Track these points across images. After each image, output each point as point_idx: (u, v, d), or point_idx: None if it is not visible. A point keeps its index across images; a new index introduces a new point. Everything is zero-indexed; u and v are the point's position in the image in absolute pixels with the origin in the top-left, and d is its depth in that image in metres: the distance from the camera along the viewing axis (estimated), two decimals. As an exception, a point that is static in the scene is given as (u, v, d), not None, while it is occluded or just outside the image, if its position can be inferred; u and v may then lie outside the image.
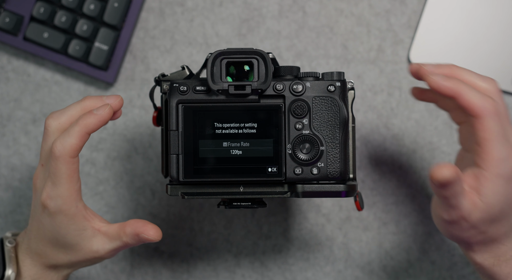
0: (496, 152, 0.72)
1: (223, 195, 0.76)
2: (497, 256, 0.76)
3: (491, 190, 0.72)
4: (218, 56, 0.74)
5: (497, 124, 0.73)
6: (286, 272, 0.95)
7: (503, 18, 0.94)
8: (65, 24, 0.93)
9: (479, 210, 0.73)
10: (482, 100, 0.73)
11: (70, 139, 0.74)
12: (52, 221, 0.76)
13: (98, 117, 0.75)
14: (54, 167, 0.74)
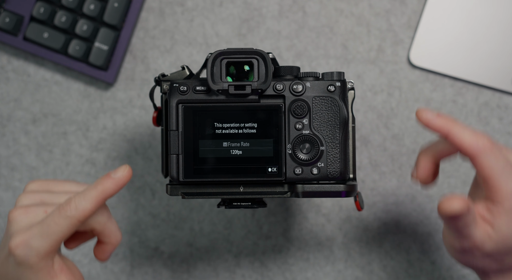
0: (504, 187, 0.71)
1: (223, 195, 0.76)
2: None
3: (505, 224, 0.71)
4: (218, 56, 0.74)
5: (497, 159, 0.71)
6: (286, 272, 0.95)
7: (503, 18, 0.94)
8: (65, 24, 0.93)
9: (493, 241, 0.72)
10: (475, 137, 0.71)
11: (86, 203, 0.70)
12: (15, 271, 0.70)
13: (116, 182, 0.72)
14: (56, 223, 0.70)
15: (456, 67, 0.94)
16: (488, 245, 0.72)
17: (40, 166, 0.96)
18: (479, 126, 0.94)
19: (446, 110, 0.95)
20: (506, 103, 0.94)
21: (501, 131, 0.94)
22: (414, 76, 0.95)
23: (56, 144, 0.96)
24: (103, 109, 0.96)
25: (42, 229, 0.69)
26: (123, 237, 0.95)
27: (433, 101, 0.95)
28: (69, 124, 0.96)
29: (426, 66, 0.94)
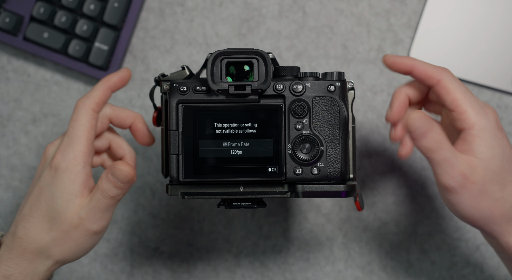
0: (470, 108, 0.73)
1: (223, 195, 0.76)
2: None
3: (482, 145, 0.72)
4: (218, 56, 0.74)
5: (458, 83, 0.74)
6: (286, 272, 0.95)
7: (503, 18, 0.94)
8: (65, 24, 0.93)
9: (479, 168, 0.72)
10: (436, 67, 0.75)
11: (94, 92, 0.77)
12: (52, 184, 0.74)
13: (119, 74, 0.78)
14: (74, 119, 0.75)
15: (456, 67, 0.94)
16: (477, 174, 0.72)
17: (40, 166, 0.96)
18: (479, 126, 0.94)
19: (446, 110, 0.95)
20: (506, 103, 0.94)
21: (501, 131, 0.95)
22: (414, 76, 0.95)
23: (56, 144, 0.96)
24: (103, 109, 0.96)
25: (68, 134, 0.75)
26: (123, 237, 0.95)
27: (433, 101, 0.95)
28: (69, 124, 0.96)
29: (426, 66, 0.94)
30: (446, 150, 0.72)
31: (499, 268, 0.94)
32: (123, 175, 0.74)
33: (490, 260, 0.94)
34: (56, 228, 0.74)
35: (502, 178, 0.73)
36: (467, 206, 0.73)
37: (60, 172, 0.74)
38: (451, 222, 0.94)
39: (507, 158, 0.73)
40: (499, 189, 0.73)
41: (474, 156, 0.72)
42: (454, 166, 0.72)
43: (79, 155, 0.75)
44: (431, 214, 0.94)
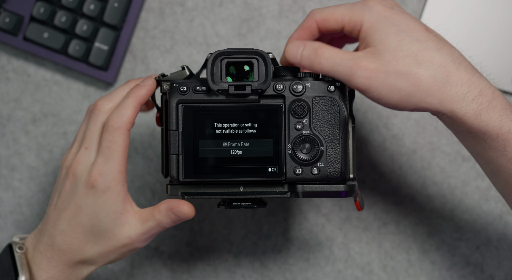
0: (348, 16, 0.74)
1: (223, 195, 0.76)
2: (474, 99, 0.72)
3: (372, 33, 0.72)
4: (218, 56, 0.74)
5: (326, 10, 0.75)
6: (286, 272, 0.95)
7: (503, 18, 0.94)
8: (65, 24, 0.93)
9: (376, 53, 0.72)
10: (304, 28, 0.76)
11: (126, 111, 0.76)
12: (94, 203, 0.75)
13: (147, 87, 0.77)
14: (110, 141, 0.75)
15: (456, 67, 0.94)
16: (374, 61, 0.71)
17: (40, 166, 0.96)
18: (479, 126, 0.94)
19: (446, 110, 0.95)
20: (506, 103, 0.94)
21: (501, 131, 0.94)
22: (414, 76, 0.95)
23: (56, 144, 0.96)
24: (103, 109, 0.96)
25: (104, 154, 0.75)
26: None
27: (433, 101, 0.95)
28: (69, 124, 0.96)
29: (426, 66, 0.94)
30: (339, 60, 0.72)
31: (499, 268, 0.94)
32: (185, 216, 0.77)
33: (490, 260, 0.94)
34: (103, 244, 0.77)
35: (408, 51, 0.72)
36: (389, 93, 0.72)
37: (101, 193, 0.75)
38: (451, 222, 0.94)
39: (403, 29, 0.72)
40: (411, 61, 0.72)
41: (369, 46, 0.72)
42: (353, 66, 0.72)
43: (117, 175, 0.75)
44: (431, 214, 0.94)
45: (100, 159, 0.75)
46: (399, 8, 0.75)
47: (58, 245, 0.77)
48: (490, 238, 0.94)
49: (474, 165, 0.94)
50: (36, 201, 0.96)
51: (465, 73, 0.73)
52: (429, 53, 0.72)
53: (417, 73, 0.71)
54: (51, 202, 0.79)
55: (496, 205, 0.94)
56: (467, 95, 0.72)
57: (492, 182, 0.76)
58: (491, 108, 0.72)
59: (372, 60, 0.72)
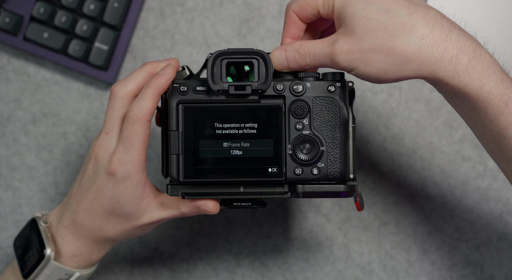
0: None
1: (223, 195, 0.76)
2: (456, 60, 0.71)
3: (345, 14, 0.72)
4: (218, 56, 0.74)
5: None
6: (286, 272, 0.95)
7: (503, 18, 0.94)
8: (65, 24, 0.93)
9: (351, 33, 0.71)
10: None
11: (146, 102, 0.75)
12: (115, 189, 0.77)
13: (167, 76, 0.76)
14: (130, 131, 0.75)
15: (456, 67, 0.94)
16: (353, 42, 0.71)
17: (40, 166, 0.96)
18: (479, 126, 0.94)
19: (446, 110, 0.95)
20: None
21: (501, 131, 0.95)
22: (414, 76, 0.95)
23: (56, 144, 0.96)
24: (103, 109, 0.96)
25: (124, 143, 0.76)
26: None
27: (433, 101, 0.95)
28: (69, 124, 0.96)
29: (426, 66, 0.94)
30: (318, 50, 0.73)
31: (499, 268, 0.94)
32: (209, 212, 0.77)
33: (490, 260, 0.94)
34: (125, 223, 0.79)
35: (378, 23, 0.70)
36: (368, 68, 0.71)
37: (122, 180, 0.76)
38: (451, 222, 0.94)
39: (371, 1, 0.71)
40: (383, 32, 0.70)
41: (341, 26, 0.72)
42: (330, 53, 0.72)
43: (137, 164, 0.76)
44: (431, 214, 0.94)
45: (120, 148, 0.76)
46: None
47: (81, 221, 0.79)
48: (490, 238, 0.94)
49: (474, 165, 0.94)
50: (36, 201, 0.96)
51: (440, 33, 0.71)
52: (399, 20, 0.70)
53: (389, 43, 0.70)
54: (77, 178, 0.81)
55: (496, 205, 0.94)
56: (444, 55, 0.70)
57: (481, 143, 0.76)
58: (471, 68, 0.71)
59: (345, 40, 0.71)
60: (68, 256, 0.80)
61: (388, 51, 0.70)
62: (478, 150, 0.94)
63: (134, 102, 0.76)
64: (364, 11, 0.71)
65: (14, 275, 0.83)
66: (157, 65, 0.79)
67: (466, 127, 0.94)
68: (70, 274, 0.81)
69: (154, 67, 0.79)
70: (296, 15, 0.76)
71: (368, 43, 0.71)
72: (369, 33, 0.71)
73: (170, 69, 0.77)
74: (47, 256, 0.79)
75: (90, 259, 0.82)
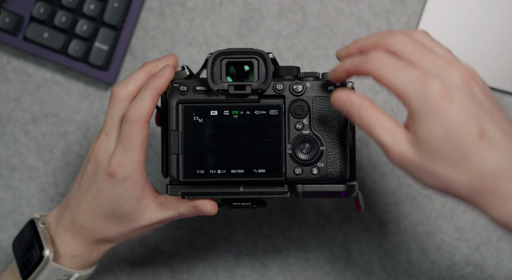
0: (403, 91, 0.66)
1: (223, 195, 0.76)
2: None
3: (418, 125, 0.66)
4: (218, 56, 0.74)
5: (387, 63, 0.67)
6: (286, 272, 0.95)
7: (503, 18, 0.94)
8: (65, 24, 0.93)
9: (415, 147, 0.66)
10: (361, 60, 0.68)
11: (144, 103, 0.75)
12: (114, 190, 0.77)
13: (165, 77, 0.76)
14: (129, 132, 0.75)
15: (456, 67, 0.94)
16: (411, 153, 0.66)
17: (40, 166, 0.96)
18: (479, 126, 0.94)
19: (446, 110, 0.94)
20: (506, 103, 0.94)
21: (501, 131, 0.94)
22: (414, 76, 0.95)
23: (56, 144, 0.96)
24: (103, 109, 0.96)
25: (123, 145, 0.76)
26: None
27: (433, 101, 0.95)
28: (69, 124, 0.96)
29: (426, 66, 0.94)
30: (380, 131, 0.67)
31: (499, 268, 0.94)
32: (208, 214, 0.77)
33: (490, 260, 0.94)
34: (123, 225, 0.79)
35: (448, 156, 0.65)
36: (416, 179, 0.68)
37: (121, 181, 0.76)
38: (451, 222, 0.94)
39: (450, 130, 0.65)
40: (448, 166, 0.65)
41: (412, 131, 0.67)
42: (390, 147, 0.67)
43: (136, 165, 0.76)
44: (431, 214, 0.94)
45: (120, 149, 0.76)
46: (462, 95, 0.65)
47: (80, 222, 0.79)
48: (490, 238, 0.94)
49: (474, 165, 0.94)
50: (36, 201, 0.96)
51: (505, 186, 0.65)
52: (469, 162, 0.65)
53: (449, 178, 0.66)
54: (76, 179, 0.81)
55: (496, 205, 0.94)
56: (499, 207, 0.66)
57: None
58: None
59: (410, 150, 0.66)
60: (67, 257, 0.80)
61: (444, 183, 0.66)
62: (478, 150, 0.94)
63: (132, 103, 0.76)
64: (439, 140, 0.65)
65: (13, 276, 0.83)
66: (157, 64, 0.79)
67: (466, 127, 0.94)
68: (69, 275, 0.81)
69: (153, 67, 0.79)
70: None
71: (429, 168, 0.66)
72: (435, 161, 0.65)
73: (168, 69, 0.76)
74: (46, 257, 0.79)
75: (89, 260, 0.81)
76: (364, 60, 0.68)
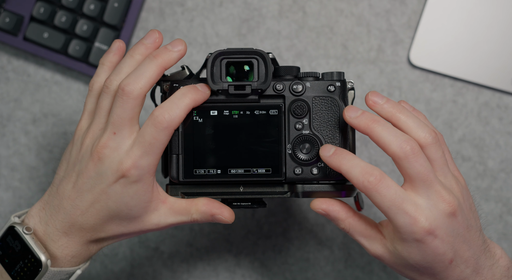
0: (395, 219, 0.71)
1: (223, 195, 0.76)
2: None
3: (399, 248, 0.73)
4: (218, 56, 0.74)
5: (384, 193, 0.71)
6: (286, 272, 0.95)
7: (503, 18, 0.94)
8: (65, 24, 0.93)
9: (393, 255, 0.74)
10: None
11: (180, 112, 0.72)
12: (124, 192, 0.73)
13: (205, 97, 0.74)
14: (155, 138, 0.71)
15: (456, 67, 0.94)
16: (389, 259, 0.74)
17: (40, 166, 0.96)
18: (479, 126, 0.94)
19: (446, 110, 0.95)
20: (506, 103, 0.94)
21: (501, 131, 0.94)
22: (414, 76, 0.95)
23: (56, 144, 0.96)
24: (103, 109, 0.96)
25: (144, 148, 0.72)
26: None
27: (433, 101, 0.95)
28: (69, 124, 0.96)
29: (426, 66, 0.94)
30: (361, 237, 0.76)
31: (499, 268, 0.94)
32: (224, 221, 0.76)
33: (490, 260, 0.94)
34: (128, 226, 0.76)
35: (420, 270, 0.73)
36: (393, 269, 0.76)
37: (133, 183, 0.73)
38: (451, 222, 0.94)
39: (427, 261, 0.72)
40: (417, 274, 0.74)
41: (390, 243, 0.74)
42: (369, 249, 0.76)
43: (152, 168, 0.73)
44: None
45: (138, 151, 0.72)
46: (445, 230, 0.72)
47: (80, 224, 0.75)
48: (490, 238, 0.94)
49: (474, 165, 0.94)
50: (36, 201, 0.96)
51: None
52: (435, 276, 0.73)
53: (417, 279, 0.75)
54: (65, 175, 0.76)
55: (496, 205, 0.94)
56: None
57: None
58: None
59: (385, 254, 0.74)
60: (66, 259, 0.76)
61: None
62: (478, 150, 0.94)
63: (166, 107, 0.72)
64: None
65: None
66: (169, 57, 0.74)
67: (466, 127, 0.94)
68: (71, 273, 0.77)
69: (165, 61, 0.74)
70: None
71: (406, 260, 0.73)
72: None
73: (209, 90, 0.74)
74: (44, 265, 0.74)
75: (89, 256, 0.78)
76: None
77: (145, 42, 0.76)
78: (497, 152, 0.94)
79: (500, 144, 0.94)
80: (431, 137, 0.72)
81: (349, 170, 0.71)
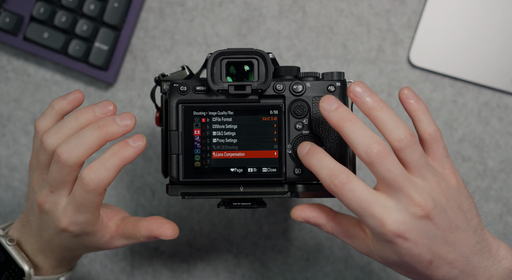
0: (368, 220, 0.69)
1: (223, 195, 0.76)
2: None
3: (373, 247, 0.73)
4: (218, 56, 0.74)
5: (356, 196, 0.69)
6: (286, 272, 0.95)
7: (503, 18, 0.94)
8: (65, 24, 0.93)
9: (376, 254, 0.73)
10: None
11: (108, 173, 0.70)
12: (73, 239, 0.74)
13: (137, 151, 0.71)
14: (84, 198, 0.70)
15: (456, 67, 0.94)
16: (372, 255, 0.74)
17: (40, 166, 0.96)
18: (479, 126, 0.94)
19: (446, 110, 0.95)
20: (506, 103, 0.94)
21: (501, 131, 0.94)
22: (414, 76, 0.95)
23: (56, 144, 0.96)
24: (103, 109, 0.96)
25: (76, 207, 0.71)
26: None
27: (433, 101, 0.95)
28: (69, 124, 0.96)
29: (426, 66, 0.94)
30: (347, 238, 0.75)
31: (499, 268, 0.94)
32: (167, 239, 0.77)
33: (490, 260, 0.94)
34: (94, 249, 0.78)
35: (402, 269, 0.73)
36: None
37: (77, 236, 0.73)
38: (451, 222, 0.94)
39: (404, 261, 0.71)
40: (401, 271, 0.74)
41: (370, 242, 0.73)
42: (357, 248, 0.75)
43: (92, 221, 0.73)
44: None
45: (71, 209, 0.71)
46: (417, 233, 0.70)
47: (50, 249, 0.76)
48: (490, 238, 0.94)
49: (474, 165, 0.94)
50: (36, 201, 0.96)
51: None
52: (419, 275, 0.73)
53: (404, 275, 0.74)
54: (29, 207, 0.77)
55: (496, 205, 0.94)
56: None
57: None
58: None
59: (370, 252, 0.74)
60: (49, 270, 0.78)
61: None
62: (478, 150, 0.94)
63: (93, 167, 0.70)
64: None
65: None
66: (114, 131, 0.71)
67: (466, 127, 0.94)
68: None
69: (109, 134, 0.71)
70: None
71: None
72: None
73: (144, 142, 0.71)
74: (27, 275, 0.75)
75: (71, 265, 0.80)
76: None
77: (96, 111, 0.72)
78: (497, 152, 0.94)
79: (500, 144, 0.94)
80: (406, 140, 0.69)
81: (318, 171, 0.69)
